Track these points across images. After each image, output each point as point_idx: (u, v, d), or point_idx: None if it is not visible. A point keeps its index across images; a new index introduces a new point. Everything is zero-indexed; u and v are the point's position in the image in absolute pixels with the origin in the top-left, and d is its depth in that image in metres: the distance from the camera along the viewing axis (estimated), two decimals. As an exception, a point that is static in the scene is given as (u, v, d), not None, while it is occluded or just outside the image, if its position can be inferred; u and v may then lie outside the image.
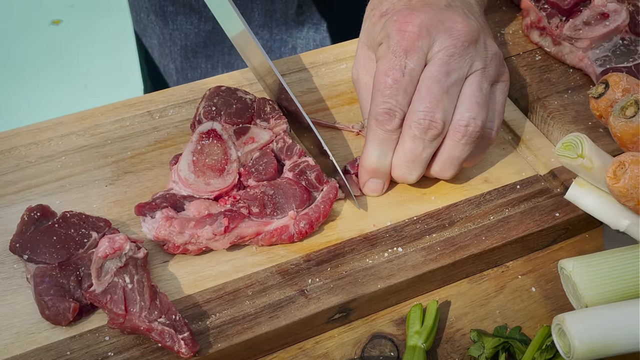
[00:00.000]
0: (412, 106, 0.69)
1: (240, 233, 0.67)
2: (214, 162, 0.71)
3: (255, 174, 0.71)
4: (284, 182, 0.71)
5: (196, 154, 0.72)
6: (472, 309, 0.69)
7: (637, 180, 0.58)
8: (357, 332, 0.67)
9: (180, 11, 1.12)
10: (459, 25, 0.70)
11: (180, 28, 1.13)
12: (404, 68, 0.69)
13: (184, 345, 0.59)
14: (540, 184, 0.75)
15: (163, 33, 1.16)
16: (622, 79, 0.67)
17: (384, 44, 0.71)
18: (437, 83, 0.68)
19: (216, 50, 1.16)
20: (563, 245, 0.75)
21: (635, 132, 0.61)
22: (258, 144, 0.74)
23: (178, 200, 0.69)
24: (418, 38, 0.69)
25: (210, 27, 1.12)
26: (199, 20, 1.12)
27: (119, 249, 0.61)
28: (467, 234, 0.71)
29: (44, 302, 0.61)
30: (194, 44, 1.15)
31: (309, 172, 0.71)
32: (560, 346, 0.55)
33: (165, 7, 1.12)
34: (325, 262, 0.68)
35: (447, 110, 0.69)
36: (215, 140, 0.72)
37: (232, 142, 0.73)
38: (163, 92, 0.82)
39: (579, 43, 0.85)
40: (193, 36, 1.14)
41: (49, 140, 0.76)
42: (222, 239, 0.66)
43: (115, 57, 2.65)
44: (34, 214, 0.66)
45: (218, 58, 1.16)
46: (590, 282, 0.57)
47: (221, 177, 0.71)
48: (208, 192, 0.70)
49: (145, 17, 1.17)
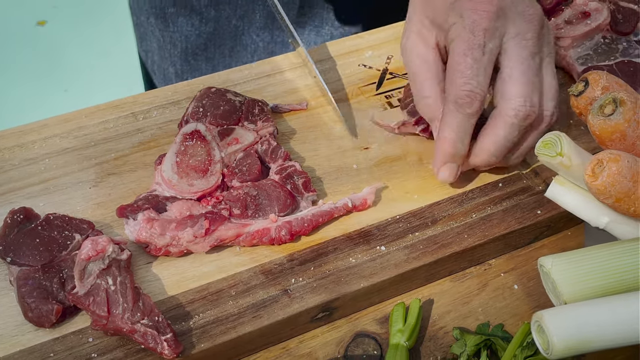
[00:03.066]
0: (504, 91, 0.68)
1: (220, 236, 0.67)
2: (197, 163, 0.71)
3: (239, 174, 0.72)
4: (269, 183, 0.71)
5: (180, 154, 0.72)
6: (454, 307, 0.69)
7: (615, 178, 0.58)
8: (340, 331, 0.67)
9: (181, 12, 1.11)
10: (531, 9, 0.69)
11: (180, 30, 1.12)
12: (484, 47, 0.67)
13: (166, 347, 0.59)
14: (522, 182, 0.76)
15: (163, 36, 1.14)
16: (602, 77, 0.67)
17: (458, 24, 0.68)
18: (529, 68, 0.67)
19: (217, 52, 1.15)
20: (545, 242, 0.75)
21: (614, 130, 0.61)
22: (242, 145, 0.74)
23: (160, 202, 0.69)
24: (496, 18, 0.67)
25: (212, 28, 1.11)
26: (200, 21, 1.11)
27: (102, 251, 0.62)
28: (449, 232, 0.71)
29: (27, 304, 0.61)
30: (194, 46, 1.14)
31: (296, 177, 0.72)
32: (540, 343, 0.56)
33: (166, 9, 1.11)
34: (308, 262, 0.68)
35: (540, 95, 0.68)
36: (198, 141, 0.72)
37: (215, 143, 0.73)
38: (147, 94, 0.82)
39: (560, 42, 0.86)
40: (194, 38, 1.13)
41: (33, 142, 0.76)
42: (203, 241, 0.66)
43: (104, 59, 2.64)
44: (17, 216, 0.66)
45: (219, 60, 1.16)
46: (569, 279, 0.57)
47: (204, 178, 0.71)
48: (191, 192, 0.70)
49: (146, 20, 1.16)
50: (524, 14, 0.69)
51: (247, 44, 1.13)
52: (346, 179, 0.75)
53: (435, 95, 0.72)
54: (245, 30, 1.11)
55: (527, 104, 0.67)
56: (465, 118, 0.69)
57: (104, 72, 2.58)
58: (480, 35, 0.67)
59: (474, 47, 0.67)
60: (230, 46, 1.14)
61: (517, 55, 0.68)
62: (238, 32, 1.11)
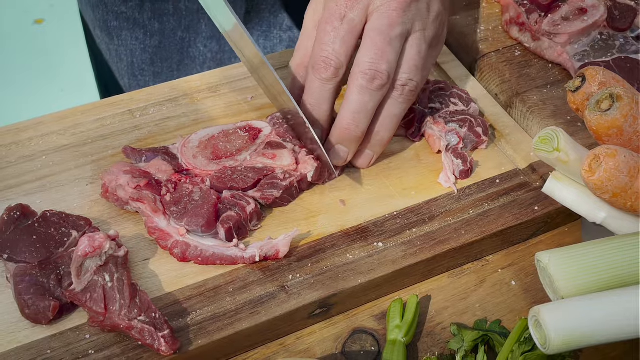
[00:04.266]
0: (357, 58, 0.70)
1: (138, 208, 0.69)
2: (225, 148, 0.74)
3: (228, 180, 0.71)
4: (214, 199, 0.69)
5: (225, 135, 0.75)
6: (452, 303, 0.69)
7: (612, 173, 0.58)
8: (338, 327, 0.67)
9: (124, 26, 1.08)
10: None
11: (125, 44, 1.09)
12: (343, 17, 0.70)
13: (164, 343, 0.59)
14: (520, 178, 0.76)
15: (109, 49, 1.11)
16: (599, 73, 0.67)
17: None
18: (380, 35, 0.69)
19: (164, 67, 1.12)
20: (543, 238, 0.75)
21: (611, 126, 0.62)
22: (273, 163, 0.73)
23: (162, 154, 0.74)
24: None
25: (157, 42, 1.08)
26: (145, 35, 1.08)
27: (99, 248, 0.61)
28: (446, 228, 0.71)
29: (24, 301, 0.61)
30: (140, 61, 1.11)
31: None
32: (537, 338, 0.56)
33: (109, 22, 1.08)
34: (306, 258, 0.68)
35: (392, 62, 0.70)
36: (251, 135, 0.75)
37: (257, 151, 0.74)
38: (144, 91, 0.82)
39: (557, 38, 0.86)
40: (139, 52, 1.10)
41: (29, 139, 0.76)
42: (126, 195, 0.69)
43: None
44: (13, 213, 0.66)
45: (166, 75, 1.12)
46: (566, 274, 0.57)
47: (214, 162, 0.73)
48: (189, 163, 0.73)
49: (93, 32, 1.13)
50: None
51: (195, 55, 1.11)
52: (344, 175, 0.76)
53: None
54: (192, 41, 1.09)
55: (373, 68, 0.69)
56: (321, 83, 0.71)
57: (88, 71, 2.57)
58: (342, 5, 0.70)
59: (334, 15, 0.70)
60: (178, 59, 1.11)
61: (374, 24, 0.70)
62: (184, 44, 1.09)
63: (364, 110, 0.71)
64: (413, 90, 0.73)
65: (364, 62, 0.70)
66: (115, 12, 1.07)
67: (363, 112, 0.71)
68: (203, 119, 0.79)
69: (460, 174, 0.75)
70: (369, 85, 0.70)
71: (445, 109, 0.80)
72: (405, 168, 0.77)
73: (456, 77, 0.87)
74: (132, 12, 1.06)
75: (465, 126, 0.77)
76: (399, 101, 0.72)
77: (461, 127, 0.77)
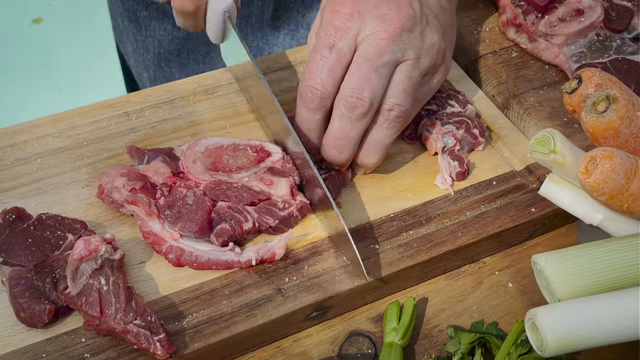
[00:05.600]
0: (342, 86, 0.69)
1: (133, 210, 0.69)
2: (228, 162, 0.73)
3: (228, 192, 0.70)
4: (208, 205, 0.68)
5: (234, 149, 0.74)
6: (449, 305, 0.69)
7: (608, 175, 0.58)
8: (334, 330, 0.67)
9: (153, 16, 1.09)
10: (392, 13, 0.69)
11: (153, 34, 1.10)
12: (332, 46, 0.69)
13: (159, 347, 0.59)
14: (516, 180, 0.76)
15: (137, 40, 1.12)
16: (595, 74, 0.67)
17: (319, 23, 0.72)
18: (366, 62, 0.68)
19: (190, 59, 1.13)
20: (539, 240, 0.75)
21: (607, 127, 0.61)
22: (267, 190, 0.71)
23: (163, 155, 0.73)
24: (349, 19, 0.69)
25: (185, 33, 1.10)
26: (173, 25, 1.09)
27: (95, 251, 0.61)
28: (443, 230, 0.71)
29: (19, 305, 0.61)
30: (167, 52, 1.12)
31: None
32: (534, 340, 0.56)
33: (138, 12, 1.09)
34: (302, 261, 0.68)
35: (376, 90, 0.68)
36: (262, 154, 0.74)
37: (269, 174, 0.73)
38: (140, 93, 0.82)
39: (554, 39, 0.86)
40: (166, 43, 1.11)
41: (25, 142, 0.76)
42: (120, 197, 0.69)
43: (101, 59, 2.63)
44: (9, 216, 0.66)
45: (192, 67, 1.13)
46: (562, 277, 0.57)
47: (213, 173, 0.72)
48: (188, 170, 0.72)
49: (121, 23, 1.15)
50: (384, 16, 0.69)
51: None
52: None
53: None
54: None
55: (355, 95, 0.68)
56: (308, 113, 0.71)
57: (100, 71, 2.57)
58: (331, 34, 0.69)
59: (323, 45, 0.70)
60: (204, 52, 1.12)
61: (362, 52, 0.69)
62: None
63: (347, 137, 0.70)
64: (400, 115, 0.70)
65: (347, 88, 0.68)
66: (145, 2, 1.08)
67: (346, 139, 0.70)
68: (199, 121, 0.79)
69: (457, 176, 0.75)
70: (350, 114, 0.69)
71: (441, 111, 0.80)
72: (402, 170, 0.77)
73: (453, 78, 0.87)
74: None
75: (462, 128, 0.77)
76: (383, 126, 0.71)
77: (458, 129, 0.77)
